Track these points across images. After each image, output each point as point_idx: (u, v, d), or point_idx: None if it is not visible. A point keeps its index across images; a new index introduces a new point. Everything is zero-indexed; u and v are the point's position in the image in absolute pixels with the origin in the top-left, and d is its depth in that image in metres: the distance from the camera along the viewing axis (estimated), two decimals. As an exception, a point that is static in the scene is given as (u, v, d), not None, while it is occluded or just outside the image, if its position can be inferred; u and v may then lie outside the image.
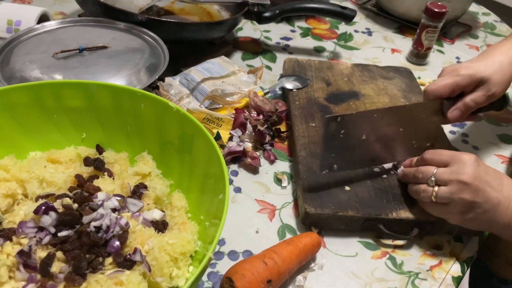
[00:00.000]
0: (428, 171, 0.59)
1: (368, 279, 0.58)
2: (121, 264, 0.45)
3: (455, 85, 0.65)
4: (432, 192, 0.57)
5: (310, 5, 0.96)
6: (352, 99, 0.82)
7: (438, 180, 0.57)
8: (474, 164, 0.56)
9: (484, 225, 0.57)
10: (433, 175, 0.58)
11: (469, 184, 0.55)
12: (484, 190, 0.55)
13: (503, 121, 0.89)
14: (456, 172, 0.56)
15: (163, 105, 0.56)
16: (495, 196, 0.55)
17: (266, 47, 1.02)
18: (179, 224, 0.52)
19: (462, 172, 0.55)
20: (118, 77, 0.69)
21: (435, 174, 0.58)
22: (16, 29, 0.83)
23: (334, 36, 1.10)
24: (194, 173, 0.56)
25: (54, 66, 0.69)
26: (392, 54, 1.06)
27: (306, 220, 0.62)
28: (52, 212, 0.45)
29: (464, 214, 0.56)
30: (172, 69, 0.83)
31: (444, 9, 0.94)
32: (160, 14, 0.97)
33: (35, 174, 0.52)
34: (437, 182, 0.57)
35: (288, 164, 0.73)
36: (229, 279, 0.50)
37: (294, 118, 0.76)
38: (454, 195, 0.56)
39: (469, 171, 0.55)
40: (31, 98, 0.56)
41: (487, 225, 0.57)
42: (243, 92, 0.79)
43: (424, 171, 0.59)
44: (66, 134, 0.59)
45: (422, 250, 0.62)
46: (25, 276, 0.43)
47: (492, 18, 1.29)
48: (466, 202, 0.55)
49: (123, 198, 0.51)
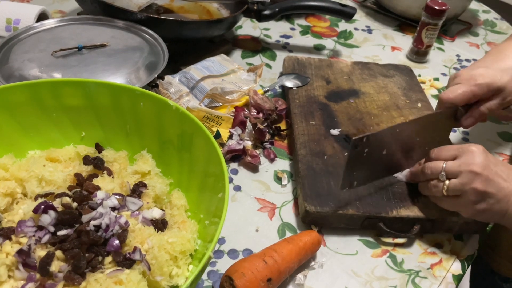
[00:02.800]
0: (437, 166, 0.59)
1: (368, 277, 0.58)
2: (120, 263, 0.45)
3: (472, 95, 0.64)
4: (443, 186, 0.57)
5: (310, 3, 0.96)
6: (352, 97, 0.82)
7: (448, 173, 0.57)
8: (483, 154, 0.56)
9: (496, 217, 0.57)
10: (442, 169, 0.58)
11: (480, 174, 0.55)
12: (494, 180, 0.55)
13: (504, 119, 0.88)
14: (465, 163, 0.56)
15: (162, 104, 0.56)
16: (507, 186, 0.55)
17: (265, 45, 1.02)
18: (178, 223, 0.52)
19: (472, 162, 0.56)
20: (117, 76, 0.69)
21: (445, 167, 0.58)
22: (15, 27, 0.83)
23: (334, 34, 1.10)
24: (193, 171, 0.56)
25: (53, 64, 0.69)
26: (392, 52, 1.06)
27: (306, 218, 0.62)
28: (51, 211, 0.45)
29: (477, 204, 0.56)
30: (172, 67, 0.83)
31: (444, 7, 0.94)
32: (159, 12, 0.97)
33: (34, 173, 0.51)
34: (447, 175, 0.57)
35: (288, 162, 0.72)
36: (229, 277, 0.50)
37: (294, 116, 0.76)
38: (465, 186, 0.56)
39: (479, 161, 0.55)
40: (30, 96, 0.56)
41: (499, 216, 0.57)
42: (242, 91, 0.79)
43: (432, 166, 0.59)
44: (65, 133, 0.59)
45: (422, 248, 0.62)
46: (25, 275, 0.43)
47: (493, 16, 1.28)
48: (478, 192, 0.55)
49: (122, 197, 0.51)
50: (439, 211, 0.61)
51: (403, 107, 0.81)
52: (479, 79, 0.64)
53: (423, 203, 0.63)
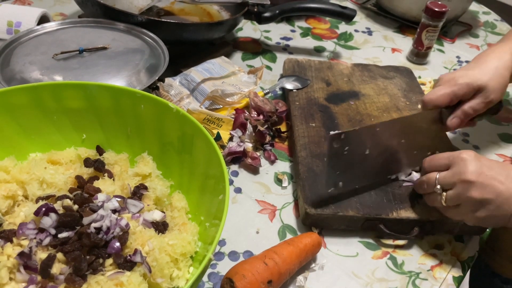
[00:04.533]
0: (431, 179, 0.58)
1: (368, 279, 0.58)
2: (121, 265, 0.45)
3: (453, 95, 0.65)
4: (441, 198, 0.57)
5: (310, 5, 0.96)
6: (352, 99, 0.82)
7: (443, 184, 0.57)
8: (475, 161, 0.55)
9: (501, 221, 0.56)
10: (436, 181, 0.57)
11: (473, 182, 0.54)
12: (491, 185, 0.54)
13: (504, 120, 0.89)
14: (457, 172, 0.55)
15: (163, 106, 0.56)
16: (505, 189, 0.54)
17: (266, 47, 1.02)
18: (179, 225, 0.52)
19: (464, 171, 0.55)
20: (118, 78, 0.69)
21: (438, 180, 0.57)
22: (16, 30, 0.84)
23: (334, 36, 1.10)
24: (194, 173, 0.56)
25: (54, 67, 0.69)
26: (392, 54, 1.06)
27: (306, 220, 0.62)
28: (52, 214, 0.46)
29: (477, 212, 0.55)
30: (172, 69, 0.83)
31: (444, 8, 0.94)
32: (160, 15, 0.97)
33: (36, 175, 0.52)
34: (443, 187, 0.57)
35: (289, 164, 0.73)
36: (229, 279, 0.50)
37: (294, 119, 0.76)
38: (461, 196, 0.55)
39: (471, 169, 0.55)
40: (31, 99, 0.56)
41: (504, 221, 0.55)
42: (243, 93, 0.79)
43: (427, 180, 0.59)
44: (66, 135, 0.59)
45: (422, 250, 0.62)
46: (26, 277, 0.43)
47: (493, 17, 1.29)
48: (475, 201, 0.54)
49: (123, 199, 0.51)
50: (439, 212, 0.61)
51: (403, 109, 0.81)
52: (459, 80, 0.65)
53: (423, 205, 0.63)
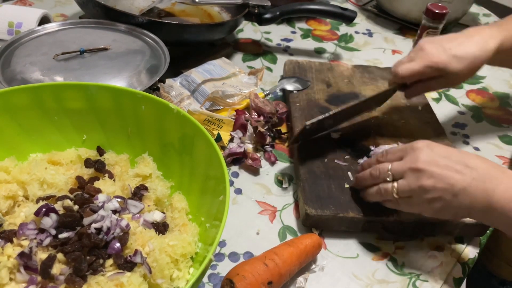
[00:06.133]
0: (384, 167, 0.57)
1: (369, 280, 0.58)
2: (121, 266, 0.45)
3: (422, 74, 0.67)
4: (392, 188, 0.55)
5: (311, 6, 0.96)
6: (352, 101, 0.82)
7: (394, 173, 0.55)
8: (426, 150, 0.54)
9: (460, 212, 0.54)
10: (389, 170, 0.56)
11: (424, 170, 0.52)
12: (443, 174, 0.52)
13: (504, 122, 0.88)
14: (409, 161, 0.54)
15: (163, 107, 0.56)
16: (461, 178, 0.51)
17: (266, 49, 1.02)
18: (179, 226, 0.52)
19: (415, 159, 0.53)
20: (119, 79, 0.69)
21: (391, 168, 0.56)
22: (17, 31, 0.84)
23: (335, 37, 1.10)
24: (194, 174, 0.56)
25: (55, 68, 0.69)
26: (393, 55, 1.06)
27: (306, 221, 0.62)
28: (52, 214, 0.46)
29: (431, 203, 0.53)
30: (173, 70, 0.83)
31: (444, 10, 0.94)
32: (160, 16, 0.98)
33: (36, 176, 0.52)
34: (394, 176, 0.55)
35: (289, 165, 0.73)
36: (229, 280, 0.50)
37: (295, 120, 0.76)
38: (412, 185, 0.53)
39: (423, 158, 0.53)
40: (32, 100, 0.56)
41: (464, 212, 0.53)
42: (243, 94, 0.79)
43: (380, 167, 0.58)
44: (66, 136, 0.60)
45: (423, 252, 0.62)
46: (26, 278, 0.43)
47: (493, 19, 1.29)
48: (427, 190, 0.52)
49: (123, 199, 0.51)
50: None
51: (404, 110, 0.81)
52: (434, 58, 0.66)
53: (423, 206, 0.62)
